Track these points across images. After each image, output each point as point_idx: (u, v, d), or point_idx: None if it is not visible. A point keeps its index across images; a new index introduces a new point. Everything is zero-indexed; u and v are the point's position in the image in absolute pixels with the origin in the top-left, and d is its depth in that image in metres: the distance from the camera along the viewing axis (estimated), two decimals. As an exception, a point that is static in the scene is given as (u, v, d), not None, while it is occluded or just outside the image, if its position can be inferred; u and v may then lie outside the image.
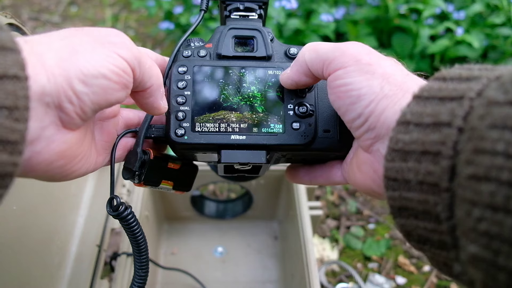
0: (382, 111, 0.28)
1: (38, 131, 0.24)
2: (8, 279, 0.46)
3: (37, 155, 0.25)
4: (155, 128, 0.36)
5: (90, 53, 0.25)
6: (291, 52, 0.38)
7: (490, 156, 0.19)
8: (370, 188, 0.31)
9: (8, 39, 0.22)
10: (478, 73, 0.23)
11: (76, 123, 0.27)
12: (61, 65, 0.24)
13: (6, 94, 0.21)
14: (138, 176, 0.35)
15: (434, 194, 0.22)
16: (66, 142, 0.27)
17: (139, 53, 0.28)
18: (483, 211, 0.19)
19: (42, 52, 0.24)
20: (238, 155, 0.34)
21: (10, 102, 0.21)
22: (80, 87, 0.25)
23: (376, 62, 0.29)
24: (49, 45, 0.25)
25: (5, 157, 0.21)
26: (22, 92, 0.22)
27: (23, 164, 0.24)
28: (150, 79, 0.30)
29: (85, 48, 0.26)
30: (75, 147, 0.28)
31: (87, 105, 0.26)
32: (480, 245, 0.19)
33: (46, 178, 0.29)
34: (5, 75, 0.21)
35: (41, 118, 0.24)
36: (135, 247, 0.37)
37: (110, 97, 0.27)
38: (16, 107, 0.21)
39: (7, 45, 0.22)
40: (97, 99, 0.26)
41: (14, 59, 0.22)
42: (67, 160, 0.28)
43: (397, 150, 0.25)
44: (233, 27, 0.38)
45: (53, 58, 0.24)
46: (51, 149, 0.26)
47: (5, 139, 0.21)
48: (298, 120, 0.35)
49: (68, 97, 0.25)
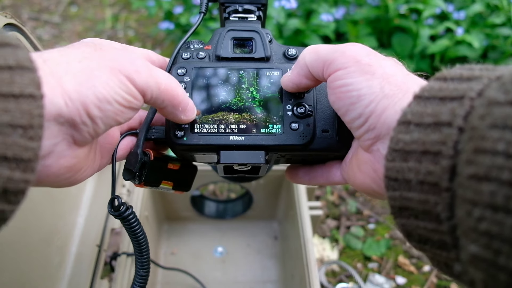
0: (382, 111, 0.28)
1: (51, 147, 0.25)
2: (8, 279, 0.46)
3: (47, 169, 0.26)
4: (155, 130, 0.36)
5: (106, 80, 0.26)
6: (290, 53, 0.38)
7: (491, 156, 0.19)
8: (370, 188, 0.31)
9: (25, 58, 0.23)
10: (479, 73, 0.23)
11: (87, 141, 0.28)
12: (78, 90, 0.25)
13: (21, 113, 0.21)
14: (139, 177, 0.36)
15: (435, 194, 0.22)
16: (76, 157, 0.28)
17: (151, 78, 0.29)
18: (483, 211, 0.19)
19: (60, 74, 0.25)
20: (237, 156, 0.34)
21: (25, 121, 0.22)
22: (95, 111, 0.26)
23: (376, 62, 0.29)
24: (67, 67, 0.25)
25: (18, 174, 0.21)
26: (37, 111, 0.22)
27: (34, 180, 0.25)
28: (163, 102, 0.31)
29: (101, 74, 0.26)
30: (83, 161, 0.29)
31: (99, 127, 0.27)
32: (481, 245, 0.19)
33: (51, 186, 0.29)
34: (21, 95, 0.22)
35: (54, 136, 0.25)
36: (137, 247, 0.37)
37: (120, 118, 0.28)
38: (31, 126, 0.22)
39: (24, 64, 0.22)
40: (108, 121, 0.27)
41: (30, 78, 0.22)
42: (74, 172, 0.29)
43: (397, 150, 0.25)
44: (231, 28, 0.38)
45: (71, 81, 0.25)
46: (61, 163, 0.27)
47: (19, 157, 0.21)
48: (297, 121, 0.35)
49: (83, 121, 0.26)
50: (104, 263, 0.62)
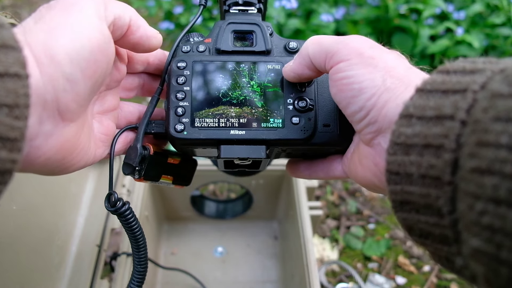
0: (384, 104, 0.27)
1: (37, 126, 0.25)
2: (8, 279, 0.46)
3: (36, 150, 0.25)
4: (155, 124, 0.36)
5: (66, 29, 0.26)
6: (291, 46, 0.38)
7: (494, 149, 0.18)
8: (371, 182, 0.31)
9: (9, 37, 0.22)
10: (482, 66, 0.23)
11: (74, 111, 0.27)
12: (47, 53, 0.24)
13: (7, 92, 0.21)
14: (138, 171, 0.36)
15: (436, 188, 0.22)
16: (64, 135, 0.27)
17: (118, 9, 0.29)
18: (485, 204, 0.18)
19: (30, 43, 0.24)
20: (237, 150, 0.34)
21: (10, 100, 0.21)
22: (68, 68, 0.25)
23: (378, 55, 0.29)
24: (31, 33, 0.25)
25: (5, 154, 0.21)
26: (22, 90, 0.22)
27: (22, 160, 0.24)
28: (124, 15, 0.30)
29: (59, 24, 0.26)
30: (73, 140, 0.28)
31: (79, 86, 0.26)
32: (483, 239, 0.19)
33: (45, 172, 0.29)
34: (6, 73, 0.21)
35: (39, 114, 0.24)
36: (134, 242, 0.37)
37: (98, 71, 0.27)
38: (17, 105, 0.22)
39: (8, 43, 0.22)
40: (87, 76, 0.26)
41: (15, 57, 0.22)
42: (65, 154, 0.28)
43: (399, 143, 0.25)
44: (232, 21, 0.38)
45: (39, 45, 0.24)
46: (49, 143, 0.26)
47: (5, 137, 0.21)
48: (298, 115, 0.35)
49: (62, 85, 0.25)
50: (104, 263, 0.62)
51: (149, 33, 0.32)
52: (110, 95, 0.35)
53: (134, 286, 0.38)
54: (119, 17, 0.30)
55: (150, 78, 0.39)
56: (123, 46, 0.33)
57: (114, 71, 0.34)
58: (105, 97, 0.34)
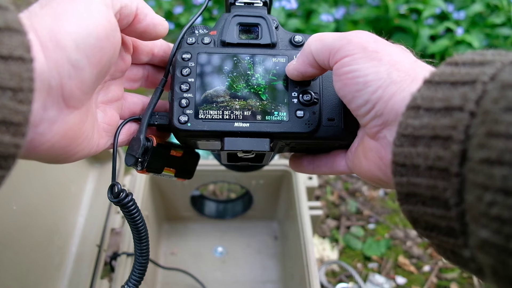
0: (390, 97, 0.27)
1: (41, 112, 0.24)
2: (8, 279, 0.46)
3: (40, 137, 0.25)
4: (158, 116, 0.36)
5: (73, 15, 0.26)
6: (296, 40, 0.38)
7: (504, 139, 0.18)
8: (376, 176, 0.30)
9: (14, 20, 0.22)
10: (492, 58, 0.23)
11: (79, 99, 0.27)
12: (53, 38, 0.24)
13: (11, 75, 0.21)
14: (141, 163, 0.35)
15: (444, 180, 0.22)
16: (68, 123, 0.27)
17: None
18: (495, 195, 0.18)
19: (36, 28, 0.24)
20: (241, 143, 0.34)
21: (14, 84, 0.21)
22: (74, 54, 0.25)
23: (383, 49, 0.29)
24: (37, 18, 0.25)
25: (8, 138, 0.21)
26: (27, 74, 0.22)
27: (25, 146, 0.24)
28: (131, 4, 0.30)
29: (65, 10, 0.26)
30: (77, 128, 0.28)
31: (85, 72, 0.26)
32: (491, 230, 0.18)
33: (49, 160, 0.29)
34: (10, 56, 0.21)
35: (43, 100, 0.24)
36: (136, 234, 0.37)
37: (104, 58, 0.27)
38: (21, 89, 0.21)
39: (13, 26, 0.22)
40: (91, 63, 0.26)
41: (19, 40, 0.22)
42: (69, 141, 0.28)
43: (406, 135, 0.24)
44: (237, 14, 0.38)
45: (45, 30, 0.24)
46: (53, 130, 0.26)
47: (8, 120, 0.21)
48: (302, 108, 0.35)
49: (67, 71, 0.25)
50: (104, 263, 0.62)
51: (156, 21, 0.32)
52: (115, 85, 0.35)
53: (135, 278, 0.38)
54: (126, 5, 0.29)
55: (154, 70, 0.39)
56: (130, 34, 0.32)
57: (119, 60, 0.34)
58: (109, 87, 0.34)
